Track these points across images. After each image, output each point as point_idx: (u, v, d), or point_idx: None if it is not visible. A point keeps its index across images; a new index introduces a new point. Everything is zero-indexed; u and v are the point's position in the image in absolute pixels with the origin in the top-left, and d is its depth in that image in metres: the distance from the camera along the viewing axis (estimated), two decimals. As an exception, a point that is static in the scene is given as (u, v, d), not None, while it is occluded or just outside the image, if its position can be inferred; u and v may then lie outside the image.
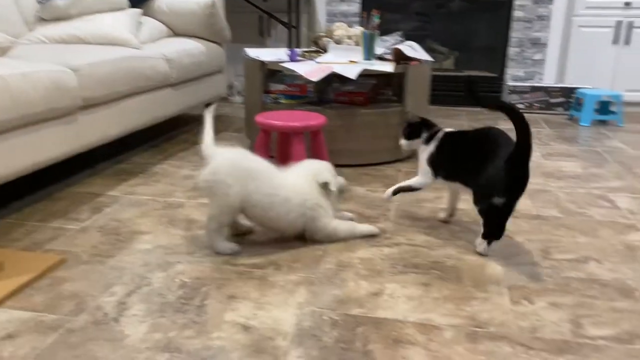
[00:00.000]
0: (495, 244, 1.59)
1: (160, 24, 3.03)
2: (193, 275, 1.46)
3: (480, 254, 1.60)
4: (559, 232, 1.77)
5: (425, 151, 1.75)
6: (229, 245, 1.58)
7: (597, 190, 2.19)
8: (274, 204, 1.56)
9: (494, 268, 1.52)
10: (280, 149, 2.24)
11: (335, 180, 1.67)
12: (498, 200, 1.50)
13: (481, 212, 1.57)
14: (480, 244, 1.60)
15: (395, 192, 1.79)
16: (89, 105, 2.07)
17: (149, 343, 1.16)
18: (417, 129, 1.79)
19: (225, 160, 1.56)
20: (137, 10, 2.79)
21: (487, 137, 1.60)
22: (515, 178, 1.48)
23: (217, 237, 1.58)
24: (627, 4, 3.63)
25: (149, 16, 3.05)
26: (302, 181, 1.63)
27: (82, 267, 1.49)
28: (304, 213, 1.60)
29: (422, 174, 1.77)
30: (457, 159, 1.67)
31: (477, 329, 1.23)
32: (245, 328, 1.22)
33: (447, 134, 1.74)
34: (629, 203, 2.05)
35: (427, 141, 1.76)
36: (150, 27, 2.92)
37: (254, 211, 1.57)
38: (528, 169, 1.49)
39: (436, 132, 1.75)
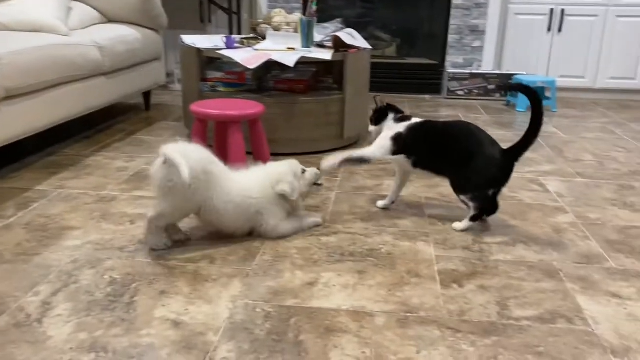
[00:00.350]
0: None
1: (92, 9, 2.91)
2: (123, 271, 1.42)
3: (463, 230, 1.71)
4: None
5: (393, 129, 1.77)
6: (164, 240, 1.54)
7: (529, 174, 2.27)
8: (227, 211, 1.53)
9: (426, 253, 1.55)
10: (217, 138, 2.20)
11: (294, 186, 1.61)
12: (493, 191, 1.67)
13: (473, 200, 1.67)
14: (463, 224, 1.70)
15: (342, 163, 1.76)
16: (12, 95, 1.97)
17: (73, 344, 1.12)
18: (384, 113, 1.82)
19: (196, 164, 1.45)
20: (66, -5, 2.66)
21: (470, 132, 1.69)
22: (510, 169, 1.65)
23: (157, 234, 1.52)
24: (559, -8, 3.75)
25: (79, 1, 2.92)
26: (253, 184, 1.59)
27: (4, 267, 1.42)
28: (250, 218, 1.58)
29: (378, 148, 1.76)
30: (436, 150, 1.71)
31: (408, 315, 1.25)
32: (176, 324, 1.20)
33: (427, 123, 1.78)
34: (559, 186, 2.13)
35: (398, 122, 1.79)
36: (81, 12, 2.80)
37: (208, 216, 1.54)
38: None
39: (409, 117, 1.80)
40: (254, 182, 1.60)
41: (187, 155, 1.44)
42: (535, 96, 1.62)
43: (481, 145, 1.65)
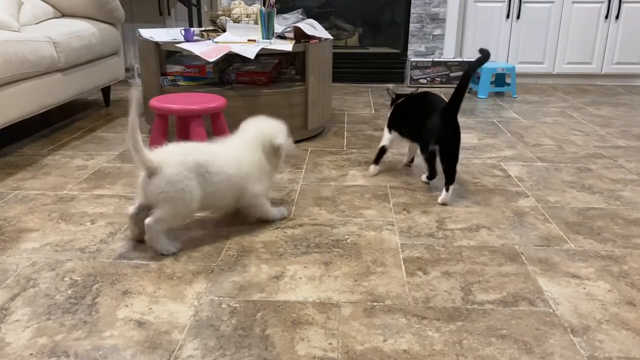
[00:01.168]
0: (452, 189, 1.83)
1: (45, 4, 2.82)
2: (84, 272, 1.38)
3: (444, 204, 1.83)
4: (453, 203, 1.84)
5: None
6: (173, 244, 1.49)
7: (491, 160, 2.31)
8: (222, 190, 1.51)
9: (392, 242, 1.56)
10: (179, 133, 2.17)
11: (288, 142, 1.64)
12: (433, 147, 1.84)
13: (426, 160, 1.92)
14: (442, 196, 1.84)
15: (376, 162, 2.10)
16: (-39, 95, 1.89)
17: (33, 349, 1.09)
18: (393, 103, 2.10)
19: (179, 167, 1.42)
20: (16, -11, 2.57)
21: (425, 100, 1.95)
22: (445, 127, 1.81)
23: (162, 238, 1.46)
24: (517, -20, 3.81)
25: (30, -5, 2.82)
26: (236, 149, 1.58)
27: (-42, 273, 1.37)
28: (237, 183, 1.55)
29: (384, 136, 2.09)
30: (404, 119, 2.00)
31: (374, 304, 1.26)
32: (140, 324, 1.18)
33: (399, 100, 2.06)
34: (519, 171, 2.17)
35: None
36: (33, 7, 2.71)
37: (205, 202, 1.50)
38: (456, 120, 1.82)
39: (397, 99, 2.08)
40: (235, 146, 1.59)
41: (163, 158, 1.42)
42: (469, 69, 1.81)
43: (433, 109, 1.85)
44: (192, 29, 2.52)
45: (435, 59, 3.84)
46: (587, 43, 3.94)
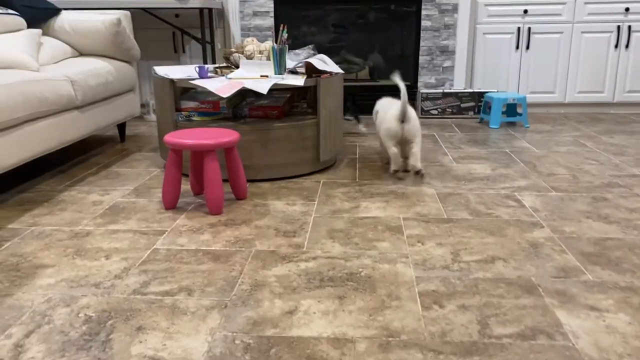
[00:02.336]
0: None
1: (64, 44, 2.90)
2: (99, 308, 1.39)
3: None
4: (468, 234, 1.83)
5: None
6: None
7: (505, 190, 2.30)
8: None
9: (406, 275, 1.55)
10: (193, 168, 2.19)
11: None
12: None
13: None
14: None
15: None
16: (-19, 133, 1.94)
17: (47, 387, 1.09)
18: None
19: (414, 113, 2.40)
20: (36, 31, 2.65)
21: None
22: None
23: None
24: (525, 11, 3.85)
25: (50, 36, 2.91)
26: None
27: (-26, 310, 1.38)
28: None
29: None
30: None
31: (390, 339, 1.24)
32: (154, 361, 1.17)
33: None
34: (534, 201, 2.16)
35: None
36: (52, 47, 2.79)
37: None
38: None
39: None
40: None
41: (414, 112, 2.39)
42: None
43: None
44: (206, 65, 2.57)
45: (445, 91, 3.87)
46: (598, 72, 3.95)
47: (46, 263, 1.65)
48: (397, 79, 2.37)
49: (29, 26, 2.80)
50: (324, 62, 2.58)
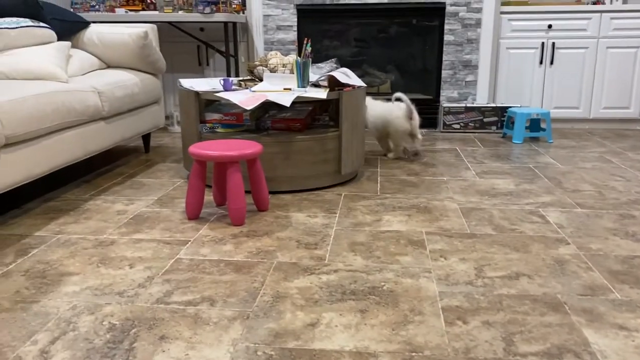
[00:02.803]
0: None
1: (92, 56, 2.96)
2: (122, 316, 1.40)
3: None
4: (492, 250, 1.81)
5: None
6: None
7: (529, 206, 2.27)
8: None
9: (429, 290, 1.53)
10: (216, 179, 2.21)
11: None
12: None
13: None
14: None
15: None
16: (12, 143, 1.98)
17: (71, 394, 1.10)
18: None
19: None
20: (66, 43, 2.72)
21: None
22: None
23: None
24: (549, 26, 3.83)
25: (79, 49, 2.98)
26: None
27: (2, 316, 1.40)
28: None
29: None
30: None
31: (413, 354, 1.23)
32: (176, 370, 1.17)
33: None
34: (559, 217, 2.13)
35: None
36: (81, 59, 2.85)
37: None
38: None
39: None
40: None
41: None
42: None
43: None
44: (231, 78, 2.60)
45: (468, 105, 3.85)
46: (624, 88, 3.90)
47: (71, 271, 1.67)
48: (399, 95, 3.02)
49: (59, 38, 2.87)
50: (346, 76, 2.59)
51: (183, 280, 1.59)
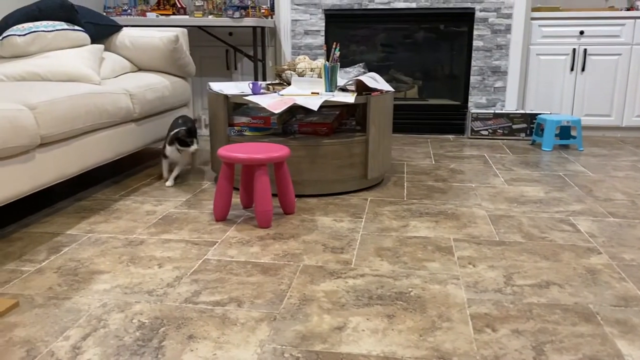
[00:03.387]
0: None
1: (123, 59, 3.02)
2: (152, 315, 1.42)
3: None
4: (521, 258, 1.78)
5: None
6: None
7: (559, 214, 2.23)
8: None
9: (457, 297, 1.51)
10: (244, 181, 2.23)
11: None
12: None
13: None
14: None
15: None
16: (46, 143, 2.03)
17: (102, 390, 1.12)
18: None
19: None
20: (99, 46, 2.78)
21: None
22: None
23: None
24: (581, 32, 3.77)
25: (111, 52, 3.04)
26: None
27: (35, 311, 1.43)
28: None
29: None
30: None
31: (440, 360, 1.22)
32: (204, 369, 1.18)
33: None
34: (590, 226, 2.08)
35: None
36: (113, 62, 2.91)
37: None
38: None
39: None
40: None
41: None
42: None
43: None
44: (259, 82, 2.62)
45: (497, 111, 3.81)
46: (658, 95, 3.81)
47: (102, 269, 1.70)
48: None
49: (92, 42, 2.93)
50: (374, 80, 2.59)
51: (211, 281, 1.61)
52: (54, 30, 2.65)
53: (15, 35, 2.58)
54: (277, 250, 1.84)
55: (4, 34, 2.60)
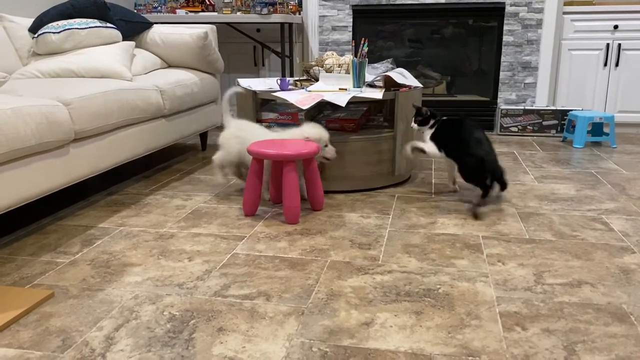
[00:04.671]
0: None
1: (154, 56, 3.07)
2: (182, 307, 1.44)
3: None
4: (552, 256, 1.75)
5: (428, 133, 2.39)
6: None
7: (591, 212, 2.19)
8: None
9: (486, 294, 1.50)
10: (273, 177, 2.25)
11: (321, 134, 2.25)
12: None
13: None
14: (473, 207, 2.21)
15: (412, 149, 2.36)
16: (80, 138, 2.08)
17: (135, 379, 1.14)
18: (426, 119, 2.38)
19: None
20: (130, 43, 2.82)
21: (466, 128, 2.28)
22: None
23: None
24: (615, 27, 3.68)
25: (142, 48, 3.09)
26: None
27: (70, 302, 1.47)
28: None
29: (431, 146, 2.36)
30: (451, 143, 2.30)
31: (469, 358, 1.21)
32: (234, 362, 1.20)
33: (446, 121, 2.36)
34: (623, 225, 2.04)
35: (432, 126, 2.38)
36: (144, 59, 2.95)
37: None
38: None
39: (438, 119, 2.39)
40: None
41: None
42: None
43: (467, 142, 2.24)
44: (287, 78, 2.63)
45: (527, 107, 3.75)
46: (696, 91, 3.69)
47: (133, 262, 1.73)
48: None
49: (124, 38, 2.99)
50: (402, 76, 2.57)
51: (240, 275, 1.62)
52: (87, 28, 2.70)
53: (50, 32, 2.64)
54: (305, 245, 1.85)
55: (39, 32, 2.67)
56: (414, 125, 2.40)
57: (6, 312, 1.39)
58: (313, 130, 2.20)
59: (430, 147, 2.34)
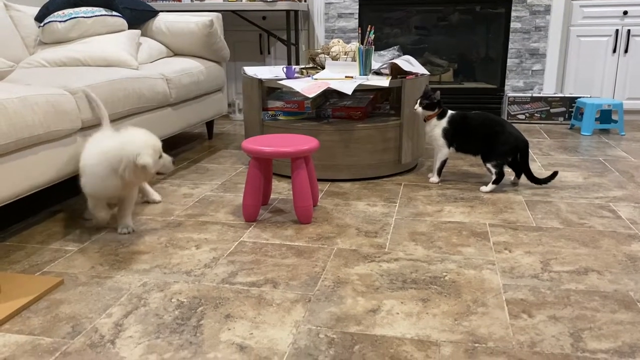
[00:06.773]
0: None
1: (160, 44, 3.06)
2: (190, 295, 1.45)
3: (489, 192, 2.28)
4: (559, 244, 1.75)
5: (439, 126, 2.37)
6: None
7: (598, 200, 2.18)
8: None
9: (493, 282, 1.50)
10: (262, 176, 2.21)
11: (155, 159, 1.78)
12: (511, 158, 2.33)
13: (495, 167, 2.29)
14: (489, 187, 2.29)
15: (439, 173, 2.44)
16: (87, 126, 2.09)
17: (144, 365, 1.16)
18: (433, 105, 2.34)
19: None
20: (136, 32, 2.82)
21: (490, 118, 2.32)
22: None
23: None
24: (625, 13, 3.63)
25: (148, 37, 3.08)
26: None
27: (79, 289, 1.49)
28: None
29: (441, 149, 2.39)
30: (468, 136, 2.33)
31: (476, 345, 1.21)
32: (241, 348, 1.21)
33: (457, 115, 2.36)
34: (631, 213, 2.03)
35: (440, 117, 2.37)
36: (150, 47, 2.95)
37: None
38: None
39: (445, 112, 2.38)
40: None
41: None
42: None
43: (503, 125, 2.29)
44: (293, 66, 2.62)
45: (534, 95, 3.72)
46: None
47: (142, 249, 1.75)
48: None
49: (130, 27, 2.98)
50: (409, 63, 2.56)
51: (247, 262, 1.63)
52: (93, 16, 2.70)
53: (56, 21, 2.64)
54: (311, 233, 1.86)
55: (45, 21, 2.67)
56: (418, 108, 2.34)
57: (17, 299, 1.41)
58: (141, 140, 1.72)
59: (442, 154, 2.39)
